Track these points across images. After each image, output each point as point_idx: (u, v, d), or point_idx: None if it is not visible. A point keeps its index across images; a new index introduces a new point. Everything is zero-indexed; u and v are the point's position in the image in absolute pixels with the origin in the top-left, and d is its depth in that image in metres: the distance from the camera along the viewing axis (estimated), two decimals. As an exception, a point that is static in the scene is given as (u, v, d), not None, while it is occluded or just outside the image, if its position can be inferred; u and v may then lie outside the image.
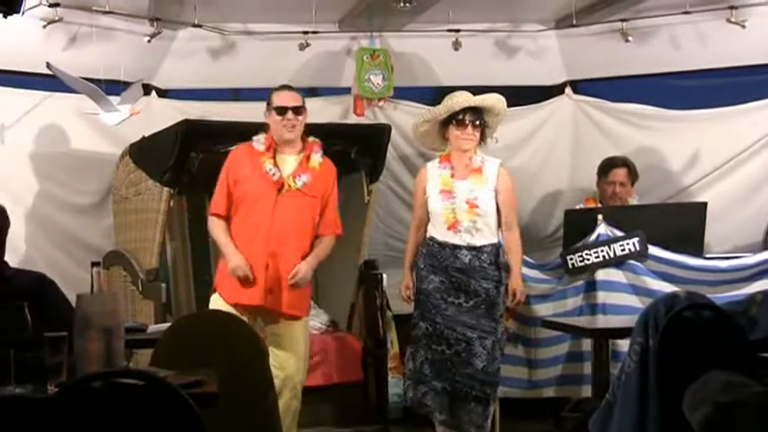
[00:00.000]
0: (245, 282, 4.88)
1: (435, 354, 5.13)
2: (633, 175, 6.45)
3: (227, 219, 5.01)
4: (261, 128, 5.11)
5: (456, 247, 5.16)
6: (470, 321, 5.11)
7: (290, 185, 4.93)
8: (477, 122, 5.20)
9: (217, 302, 4.98)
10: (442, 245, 5.19)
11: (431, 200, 5.25)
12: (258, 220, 4.92)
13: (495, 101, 5.25)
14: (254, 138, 5.04)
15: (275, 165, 4.95)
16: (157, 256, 6.01)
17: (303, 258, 4.96)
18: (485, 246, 5.18)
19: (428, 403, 5.17)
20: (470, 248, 5.16)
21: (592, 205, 6.44)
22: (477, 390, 5.10)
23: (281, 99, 4.99)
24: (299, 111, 4.97)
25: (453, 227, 5.16)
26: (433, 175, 5.28)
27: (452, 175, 5.23)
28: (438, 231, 5.22)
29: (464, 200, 5.17)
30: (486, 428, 5.17)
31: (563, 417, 6.11)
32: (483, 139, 5.29)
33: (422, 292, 5.22)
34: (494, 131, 5.35)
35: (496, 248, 5.22)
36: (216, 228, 5.04)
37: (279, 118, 4.94)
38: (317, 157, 5.03)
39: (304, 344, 5.06)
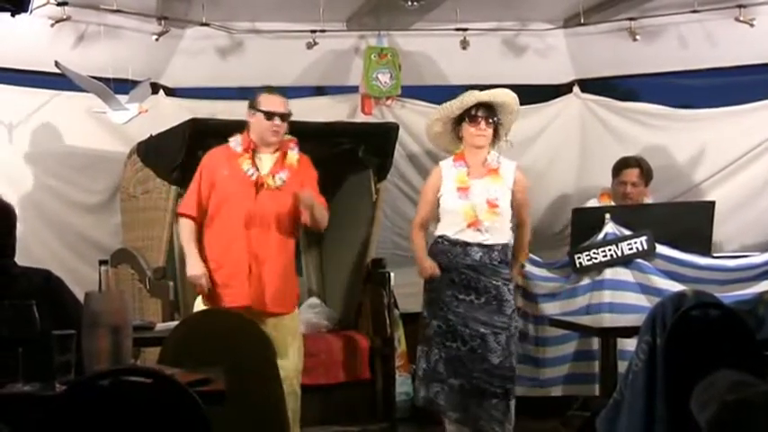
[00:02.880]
0: (226, 288, 4.90)
1: (450, 351, 5.10)
2: (646, 175, 6.39)
3: (196, 220, 4.99)
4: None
5: (467, 244, 5.14)
6: (482, 318, 5.09)
7: (268, 184, 4.93)
8: (491, 119, 5.19)
9: (200, 307, 4.98)
10: (454, 242, 5.16)
11: (445, 198, 5.21)
12: (238, 221, 4.91)
13: (508, 97, 5.23)
14: (231, 139, 5.04)
15: (253, 164, 4.96)
16: (165, 254, 6.01)
17: (286, 258, 4.97)
18: (495, 245, 5.16)
19: (441, 402, 5.13)
20: (481, 246, 5.14)
21: (607, 200, 6.41)
22: (497, 385, 5.07)
23: (270, 103, 4.98)
24: (285, 117, 4.98)
25: (474, 225, 5.12)
26: (448, 173, 5.24)
27: (468, 174, 5.20)
28: (450, 229, 5.18)
29: (484, 199, 5.14)
30: (508, 425, 5.12)
31: (570, 415, 6.09)
32: (496, 137, 5.26)
33: (433, 291, 5.20)
34: (508, 131, 5.32)
35: (507, 248, 5.22)
36: (183, 230, 5.05)
37: (267, 122, 4.94)
38: (293, 154, 5.03)
39: (297, 343, 5.04)
